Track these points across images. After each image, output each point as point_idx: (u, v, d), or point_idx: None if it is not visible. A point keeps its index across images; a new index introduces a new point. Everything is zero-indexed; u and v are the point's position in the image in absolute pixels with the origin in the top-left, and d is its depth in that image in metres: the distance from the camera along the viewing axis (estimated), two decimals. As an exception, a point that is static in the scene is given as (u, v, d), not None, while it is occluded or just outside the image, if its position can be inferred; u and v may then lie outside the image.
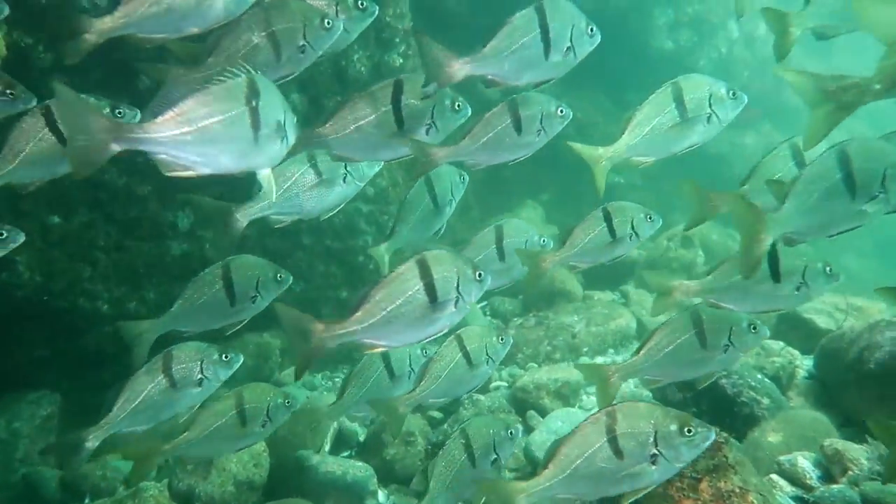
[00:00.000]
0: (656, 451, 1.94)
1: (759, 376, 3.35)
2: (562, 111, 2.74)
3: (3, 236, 2.40)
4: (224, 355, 2.86)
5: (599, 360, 4.77)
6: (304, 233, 5.92)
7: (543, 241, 3.20)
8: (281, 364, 5.51)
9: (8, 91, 2.40)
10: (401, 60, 6.15)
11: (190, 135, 2.01)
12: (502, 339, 3.06)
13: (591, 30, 2.72)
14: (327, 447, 4.12)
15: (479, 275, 2.44)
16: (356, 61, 5.79)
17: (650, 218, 2.98)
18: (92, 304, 4.85)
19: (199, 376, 2.86)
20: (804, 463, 2.57)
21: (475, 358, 3.01)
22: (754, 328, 2.47)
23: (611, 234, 2.91)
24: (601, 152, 2.75)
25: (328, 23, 2.44)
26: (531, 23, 2.58)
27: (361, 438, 4.30)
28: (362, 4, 2.64)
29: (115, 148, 1.99)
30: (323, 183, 2.88)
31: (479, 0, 8.00)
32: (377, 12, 2.74)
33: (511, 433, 2.90)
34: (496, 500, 2.41)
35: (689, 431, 1.93)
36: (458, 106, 2.75)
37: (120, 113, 2.55)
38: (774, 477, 2.59)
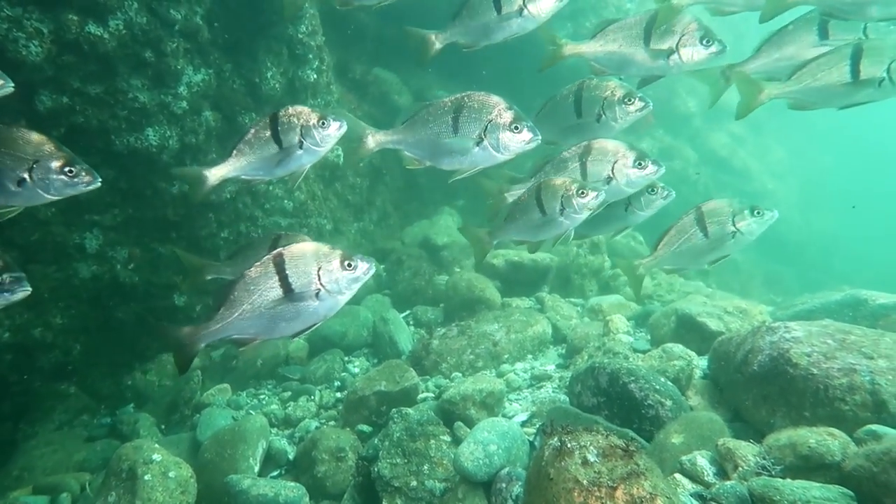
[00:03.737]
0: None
1: (662, 380, 3.67)
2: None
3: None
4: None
5: (519, 366, 5.00)
6: (221, 249, 5.81)
7: None
8: (203, 384, 5.40)
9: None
10: (314, 76, 6.16)
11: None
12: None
13: None
14: (256, 468, 4.12)
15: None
16: (269, 78, 5.75)
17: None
18: (-9, 333, 4.57)
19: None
20: (702, 462, 2.88)
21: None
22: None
23: None
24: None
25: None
26: None
27: (291, 457, 4.31)
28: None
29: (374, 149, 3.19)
30: None
31: (387, 10, 8.07)
32: None
33: (757, 213, 3.41)
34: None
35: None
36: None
37: None
38: (678, 476, 2.88)
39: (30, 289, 2.61)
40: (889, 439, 2.50)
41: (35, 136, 2.66)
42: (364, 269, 2.67)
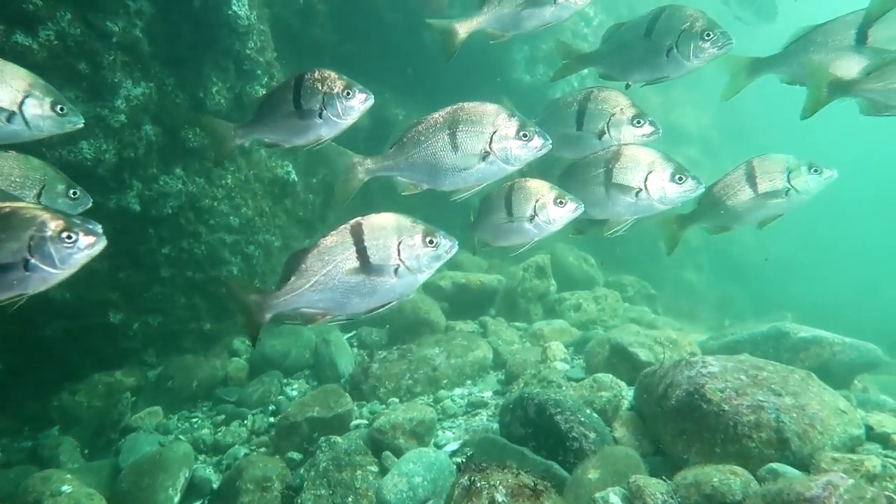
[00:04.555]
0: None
1: (588, 411, 3.67)
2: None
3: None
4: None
5: (457, 392, 4.96)
6: (162, 265, 5.68)
7: None
8: (134, 404, 5.24)
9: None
10: (263, 92, 6.09)
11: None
12: None
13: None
14: (176, 498, 3.98)
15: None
16: (215, 93, 5.66)
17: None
18: None
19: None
20: (614, 499, 2.86)
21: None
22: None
23: None
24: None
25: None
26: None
27: (215, 486, 4.19)
28: None
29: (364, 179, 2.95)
30: None
31: (344, 27, 8.07)
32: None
33: (815, 170, 3.20)
34: None
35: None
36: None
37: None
38: (589, 514, 2.89)
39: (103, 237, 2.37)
40: (784, 480, 2.53)
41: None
42: (447, 247, 2.52)
